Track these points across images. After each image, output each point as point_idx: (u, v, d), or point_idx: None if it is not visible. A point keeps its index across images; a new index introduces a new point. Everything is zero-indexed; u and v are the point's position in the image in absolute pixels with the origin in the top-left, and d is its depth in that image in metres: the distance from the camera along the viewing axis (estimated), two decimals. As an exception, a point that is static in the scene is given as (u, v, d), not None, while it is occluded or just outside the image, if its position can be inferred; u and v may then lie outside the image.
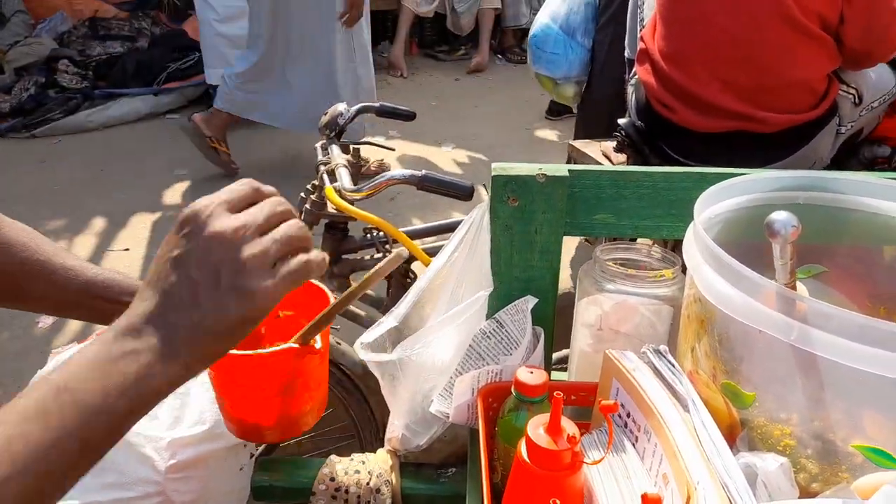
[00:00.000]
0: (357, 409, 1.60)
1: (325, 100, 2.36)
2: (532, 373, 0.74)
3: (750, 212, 0.77)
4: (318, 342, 0.80)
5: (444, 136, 4.09)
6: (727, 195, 0.76)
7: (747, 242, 0.71)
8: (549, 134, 4.22)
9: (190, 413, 0.97)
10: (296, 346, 0.78)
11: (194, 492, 0.95)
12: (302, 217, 1.50)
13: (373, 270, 0.72)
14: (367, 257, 1.50)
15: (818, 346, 0.56)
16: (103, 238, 2.98)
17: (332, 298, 0.85)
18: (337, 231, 1.52)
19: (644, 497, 0.55)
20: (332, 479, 0.89)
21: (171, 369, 0.49)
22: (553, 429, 0.64)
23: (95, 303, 0.76)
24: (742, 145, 1.58)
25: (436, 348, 0.81)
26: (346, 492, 0.89)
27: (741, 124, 1.55)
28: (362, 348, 0.81)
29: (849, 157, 1.87)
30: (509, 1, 5.51)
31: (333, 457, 0.91)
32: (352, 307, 1.56)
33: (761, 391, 0.63)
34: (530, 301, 0.85)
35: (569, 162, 2.42)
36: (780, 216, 0.61)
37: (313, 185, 1.48)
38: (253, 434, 0.88)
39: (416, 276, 1.49)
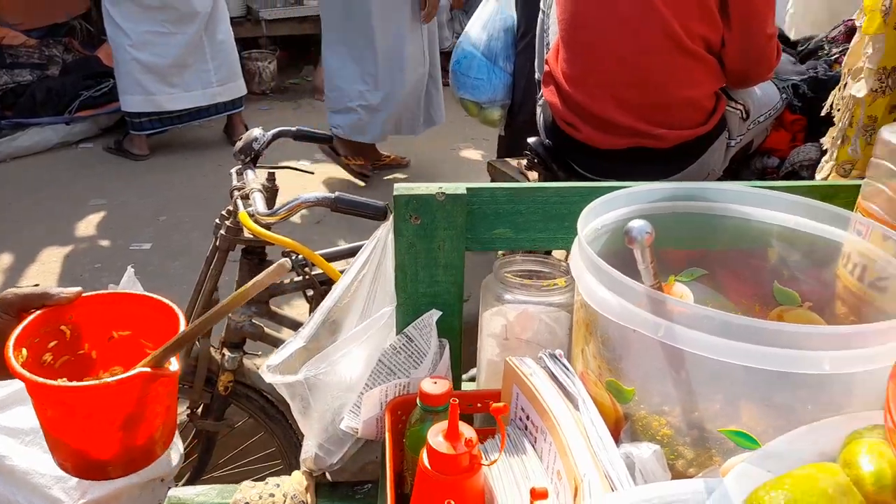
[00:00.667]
0: (282, 434, 1.58)
1: None
2: (436, 383, 0.77)
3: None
4: (173, 364, 0.77)
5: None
6: (609, 208, 0.81)
7: (631, 250, 0.77)
8: (474, 154, 4.32)
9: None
10: (147, 370, 0.73)
11: (106, 530, 0.92)
12: (217, 243, 1.48)
13: (249, 284, 0.72)
14: (287, 281, 1.49)
15: (681, 341, 0.61)
16: (11, 275, 2.84)
17: (182, 316, 0.80)
18: (254, 256, 1.51)
19: (532, 491, 0.59)
20: (247, 504, 0.88)
21: None
22: (451, 434, 0.66)
23: None
24: (641, 160, 1.68)
25: (343, 366, 0.83)
26: (262, 516, 0.88)
27: (638, 141, 1.66)
28: (269, 371, 0.81)
29: (741, 168, 2.01)
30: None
31: (247, 482, 0.90)
32: (273, 332, 1.55)
33: (640, 386, 0.68)
34: (435, 314, 0.89)
35: (492, 180, 2.49)
36: (635, 224, 0.67)
37: (228, 210, 1.47)
38: (95, 472, 0.79)
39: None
